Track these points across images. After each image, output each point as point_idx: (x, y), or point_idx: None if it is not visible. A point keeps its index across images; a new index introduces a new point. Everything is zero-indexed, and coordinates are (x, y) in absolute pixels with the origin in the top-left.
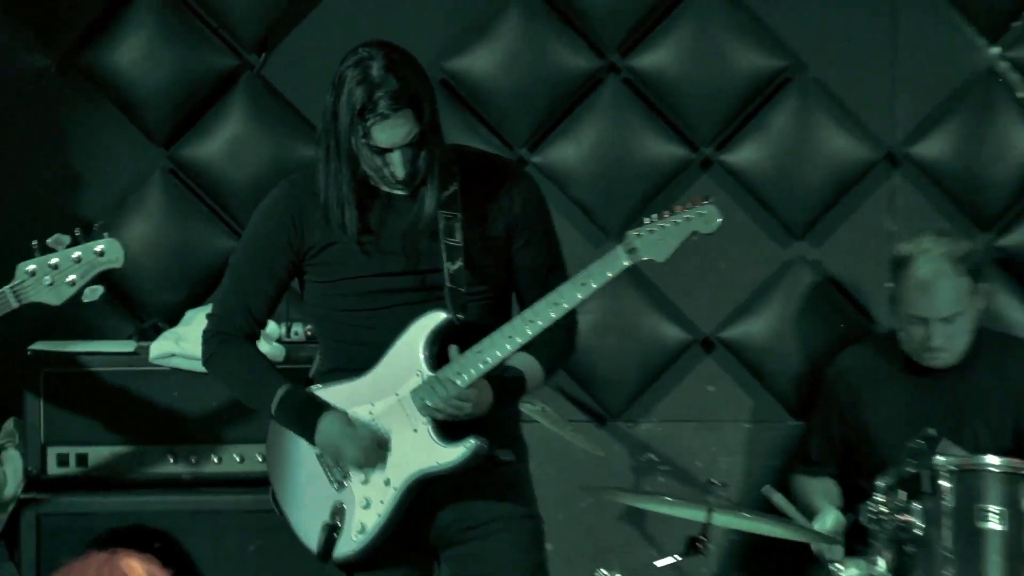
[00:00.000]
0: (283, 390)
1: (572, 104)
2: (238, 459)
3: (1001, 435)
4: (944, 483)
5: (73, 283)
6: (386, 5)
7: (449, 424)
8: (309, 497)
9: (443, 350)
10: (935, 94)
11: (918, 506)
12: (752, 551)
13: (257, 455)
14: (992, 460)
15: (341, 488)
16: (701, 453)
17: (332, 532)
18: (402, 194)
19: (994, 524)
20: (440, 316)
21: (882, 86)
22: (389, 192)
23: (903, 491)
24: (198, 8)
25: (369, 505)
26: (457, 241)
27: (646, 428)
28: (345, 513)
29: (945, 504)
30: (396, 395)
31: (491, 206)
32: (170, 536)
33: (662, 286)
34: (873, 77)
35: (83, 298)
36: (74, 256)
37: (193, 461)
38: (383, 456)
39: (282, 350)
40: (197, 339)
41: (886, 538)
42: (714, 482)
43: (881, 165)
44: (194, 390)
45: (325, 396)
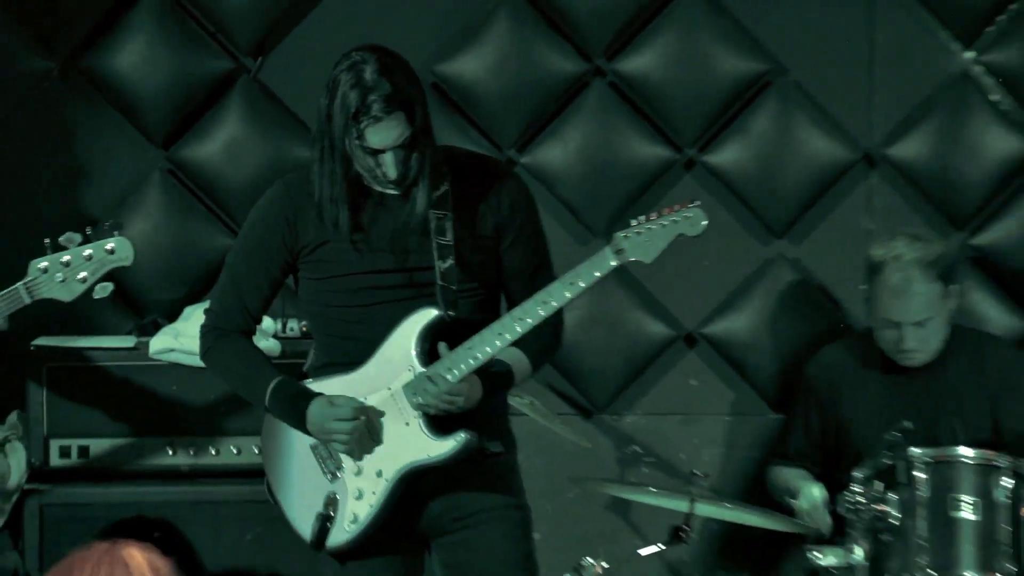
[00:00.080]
0: (275, 382)
1: (559, 106)
2: (235, 451)
3: (978, 430)
4: (919, 474)
5: (84, 280)
6: (379, 11)
7: (440, 417)
8: (303, 488)
9: (434, 346)
10: (911, 97)
11: (894, 496)
12: (733, 541)
13: (253, 447)
14: (966, 452)
15: (334, 479)
16: (684, 445)
17: (325, 522)
18: (394, 194)
19: (967, 514)
20: (432, 312)
21: (860, 89)
22: (382, 191)
23: (880, 482)
24: (196, 13)
25: (362, 496)
26: (448, 239)
27: (631, 421)
28: (338, 503)
29: (920, 494)
30: (388, 389)
31: (481, 205)
32: (170, 525)
33: (647, 283)
34: (851, 81)
35: (93, 295)
36: (85, 254)
37: (192, 453)
38: (376, 439)
39: (278, 345)
40: (195, 335)
41: (863, 527)
42: (696, 473)
43: (859, 166)
44: (192, 384)
45: (318, 390)
